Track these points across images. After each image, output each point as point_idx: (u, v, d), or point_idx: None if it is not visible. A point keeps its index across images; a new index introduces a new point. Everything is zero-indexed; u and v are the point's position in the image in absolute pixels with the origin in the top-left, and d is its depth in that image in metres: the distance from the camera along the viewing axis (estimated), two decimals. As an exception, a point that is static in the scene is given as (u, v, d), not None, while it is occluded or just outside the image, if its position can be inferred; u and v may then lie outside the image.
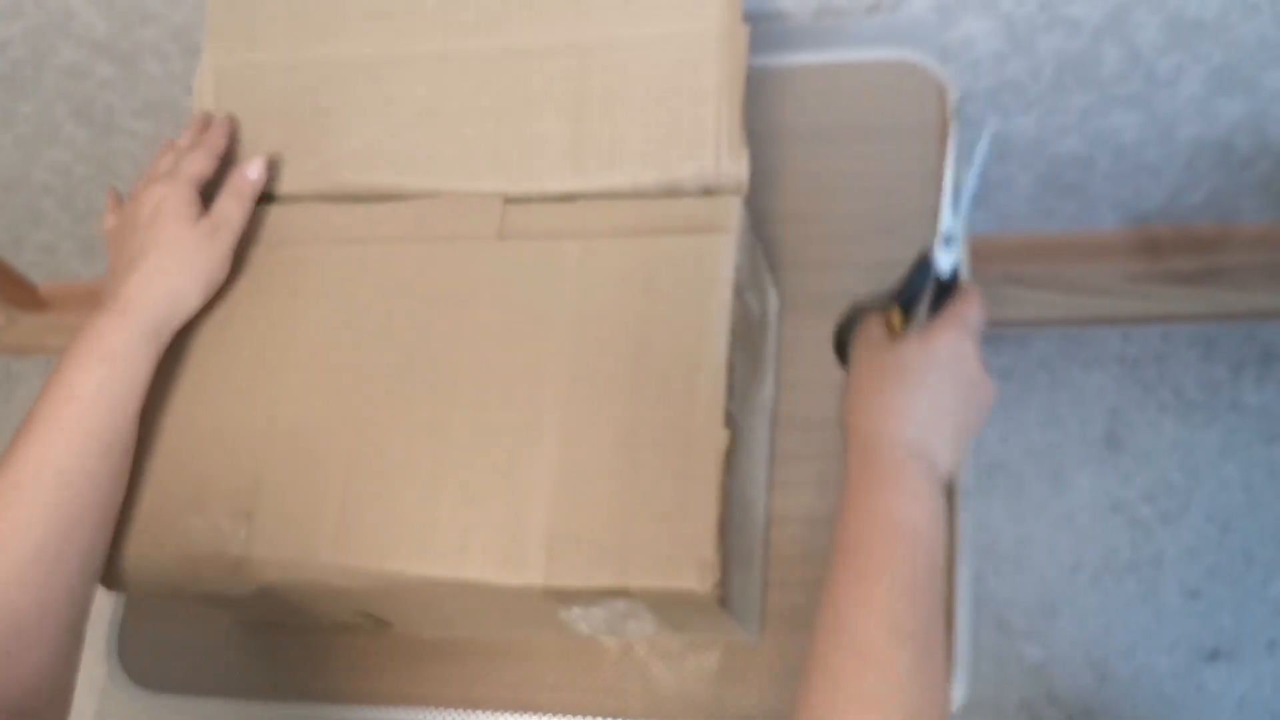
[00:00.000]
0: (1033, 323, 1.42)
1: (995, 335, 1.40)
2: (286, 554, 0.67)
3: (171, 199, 0.71)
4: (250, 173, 0.75)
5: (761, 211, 0.87)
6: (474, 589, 0.65)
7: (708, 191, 0.72)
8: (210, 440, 0.71)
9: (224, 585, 0.69)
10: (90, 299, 1.68)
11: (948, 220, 0.69)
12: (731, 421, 0.65)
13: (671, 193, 0.73)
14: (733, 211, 0.70)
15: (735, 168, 0.72)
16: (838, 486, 0.77)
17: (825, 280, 0.84)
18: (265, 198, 0.78)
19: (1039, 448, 1.39)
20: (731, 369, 0.66)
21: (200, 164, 0.74)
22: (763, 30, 0.98)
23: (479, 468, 0.66)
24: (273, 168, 0.78)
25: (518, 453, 0.66)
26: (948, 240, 0.69)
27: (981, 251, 1.27)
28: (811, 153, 0.89)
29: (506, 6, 0.76)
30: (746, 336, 0.72)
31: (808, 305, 0.84)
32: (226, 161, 0.77)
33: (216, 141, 0.76)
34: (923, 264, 0.69)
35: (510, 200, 0.74)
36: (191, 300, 0.71)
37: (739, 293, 0.69)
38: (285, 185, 0.78)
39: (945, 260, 0.68)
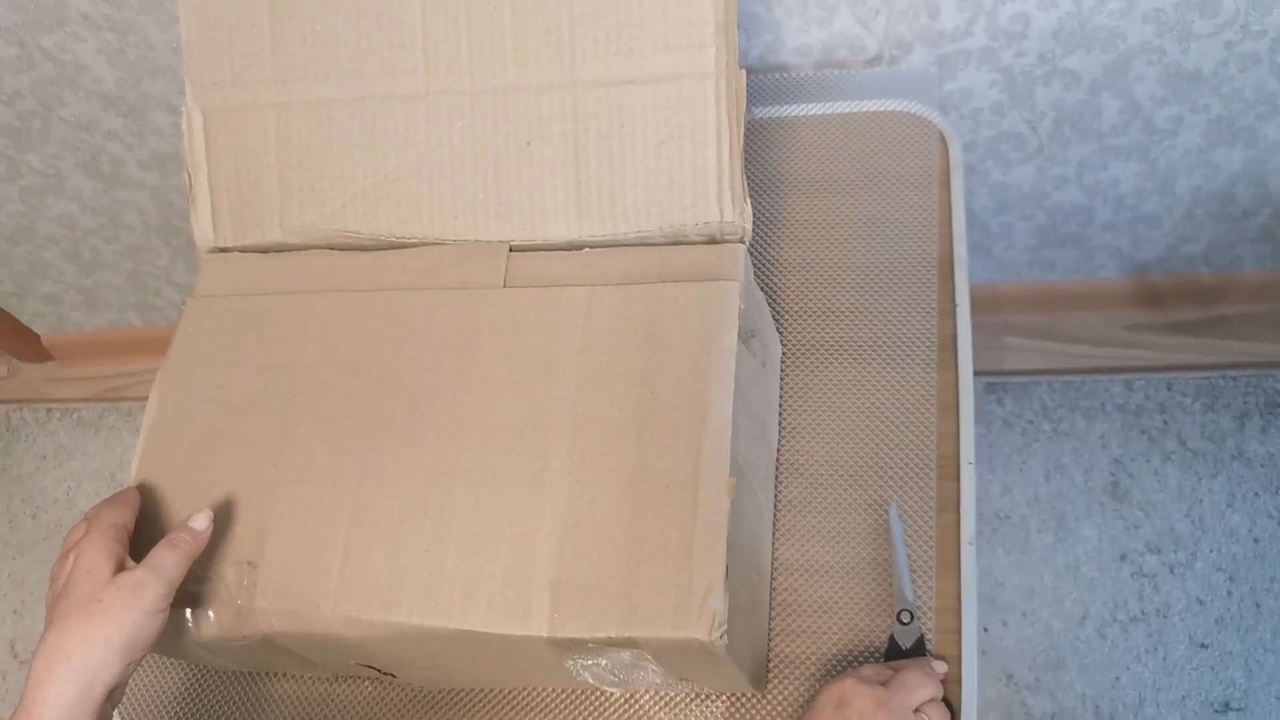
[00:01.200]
0: (1034, 372, 1.42)
1: (997, 384, 1.40)
2: (290, 604, 0.67)
3: (85, 555, 0.66)
4: (195, 524, 0.69)
5: (765, 259, 0.88)
6: (478, 639, 0.64)
7: (711, 239, 0.73)
8: (215, 489, 0.71)
9: (228, 634, 0.68)
10: (92, 350, 1.68)
11: (905, 596, 0.75)
12: (737, 469, 0.65)
13: (675, 241, 0.73)
14: (737, 259, 0.71)
15: (738, 216, 0.72)
16: (843, 535, 0.77)
17: (828, 327, 0.84)
18: (272, 248, 0.78)
19: (1043, 497, 1.39)
20: (736, 417, 0.66)
21: (113, 512, 0.69)
22: (766, 82, 0.99)
23: (483, 516, 0.66)
24: (277, 214, 0.78)
25: (522, 501, 0.66)
26: (899, 617, 0.74)
27: (982, 301, 1.27)
28: (814, 201, 0.90)
29: (495, 44, 0.75)
30: (751, 384, 0.72)
31: (811, 352, 0.84)
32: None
33: (130, 494, 0.72)
34: (890, 643, 0.74)
35: (515, 248, 0.75)
36: (106, 671, 0.62)
37: (743, 340, 0.69)
38: (290, 234, 0.78)
39: (905, 637, 0.74)
